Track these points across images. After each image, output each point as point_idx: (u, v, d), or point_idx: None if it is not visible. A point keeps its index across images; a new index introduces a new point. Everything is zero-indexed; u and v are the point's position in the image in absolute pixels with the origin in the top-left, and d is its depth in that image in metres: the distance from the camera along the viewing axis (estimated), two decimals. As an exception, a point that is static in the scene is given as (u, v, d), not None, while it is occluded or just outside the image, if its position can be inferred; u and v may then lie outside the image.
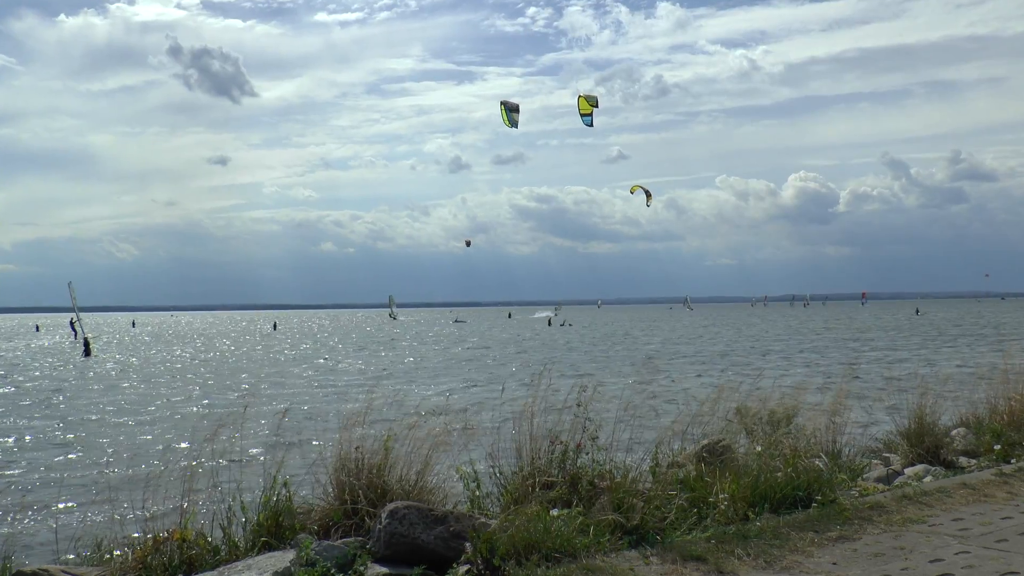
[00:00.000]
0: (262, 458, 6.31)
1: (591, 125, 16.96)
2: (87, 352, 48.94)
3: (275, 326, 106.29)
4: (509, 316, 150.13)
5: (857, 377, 23.63)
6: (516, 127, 16.99)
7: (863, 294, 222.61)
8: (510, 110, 16.84)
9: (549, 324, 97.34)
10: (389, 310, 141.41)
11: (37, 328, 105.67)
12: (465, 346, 55.49)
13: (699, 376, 29.02)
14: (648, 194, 30.53)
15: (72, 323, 73.99)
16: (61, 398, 25.79)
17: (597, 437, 6.76)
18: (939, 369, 28.35)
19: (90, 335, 55.69)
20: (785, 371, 30.54)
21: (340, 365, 39.09)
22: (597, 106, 17.08)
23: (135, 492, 5.90)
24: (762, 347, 47.85)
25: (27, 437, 17.76)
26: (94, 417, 20.91)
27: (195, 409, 21.62)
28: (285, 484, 5.88)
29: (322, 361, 41.99)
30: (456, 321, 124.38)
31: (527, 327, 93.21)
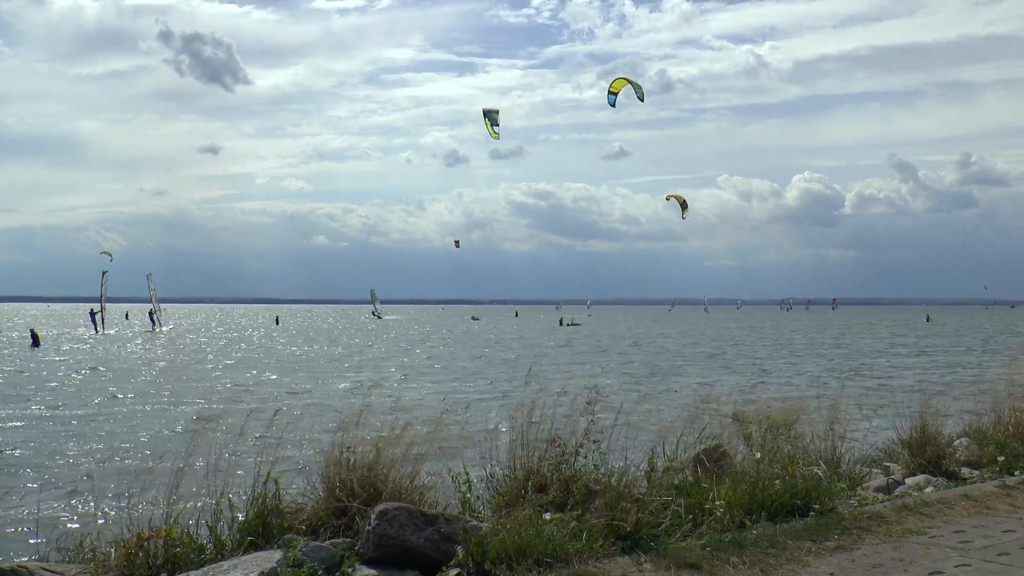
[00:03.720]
0: (251, 458, 6.23)
1: (614, 105, 16.95)
2: (35, 343, 47.75)
3: (277, 320, 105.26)
4: (516, 315, 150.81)
5: (853, 383, 23.48)
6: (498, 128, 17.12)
7: (834, 300, 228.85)
8: (489, 113, 16.89)
9: (560, 323, 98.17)
10: (372, 307, 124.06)
11: None
12: (489, 346, 55.13)
13: (703, 379, 28.86)
14: (684, 206, 30.00)
15: (151, 314, 74.98)
16: (49, 390, 25.71)
17: (599, 440, 6.68)
18: (944, 377, 28.25)
19: (38, 330, 54.01)
20: (787, 376, 30.39)
21: (350, 362, 39.03)
22: (642, 100, 17.03)
23: (120, 489, 5.83)
24: (769, 351, 47.69)
25: (3, 430, 17.56)
26: (73, 411, 20.68)
27: (187, 408, 21.39)
28: (275, 481, 5.81)
29: (358, 360, 40.91)
30: (473, 319, 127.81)
31: (538, 326, 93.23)
